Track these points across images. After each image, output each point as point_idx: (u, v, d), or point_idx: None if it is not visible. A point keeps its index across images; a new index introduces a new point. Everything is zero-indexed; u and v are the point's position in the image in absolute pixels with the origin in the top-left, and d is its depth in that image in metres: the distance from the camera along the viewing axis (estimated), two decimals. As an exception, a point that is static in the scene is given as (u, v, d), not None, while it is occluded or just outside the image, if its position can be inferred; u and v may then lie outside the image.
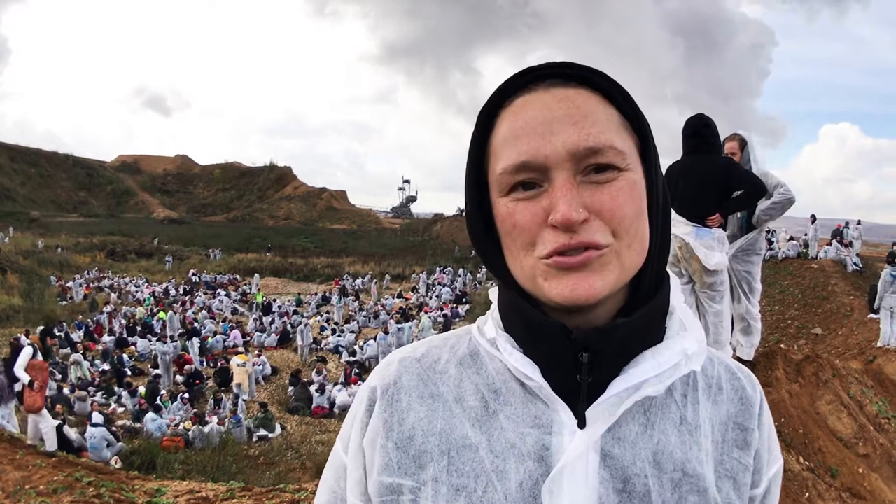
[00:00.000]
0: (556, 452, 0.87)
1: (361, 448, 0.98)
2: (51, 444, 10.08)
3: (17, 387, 10.89)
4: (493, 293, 1.04)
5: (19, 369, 10.31)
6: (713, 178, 5.56)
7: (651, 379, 0.87)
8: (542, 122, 0.85)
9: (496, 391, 0.94)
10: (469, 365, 0.98)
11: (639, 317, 0.88)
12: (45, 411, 10.43)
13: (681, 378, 0.94)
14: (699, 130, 5.69)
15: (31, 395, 10.24)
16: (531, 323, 0.90)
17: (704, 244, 5.55)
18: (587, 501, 0.85)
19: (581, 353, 0.86)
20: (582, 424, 0.86)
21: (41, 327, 18.29)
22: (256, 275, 46.58)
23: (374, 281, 45.28)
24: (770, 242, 29.05)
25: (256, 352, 23.19)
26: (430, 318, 29.39)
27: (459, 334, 1.05)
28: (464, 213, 1.01)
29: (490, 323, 1.00)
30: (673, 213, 5.77)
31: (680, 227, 5.69)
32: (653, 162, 0.92)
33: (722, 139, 6.27)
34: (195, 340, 23.41)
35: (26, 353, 10.52)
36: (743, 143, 6.26)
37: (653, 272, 0.93)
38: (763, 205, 6.07)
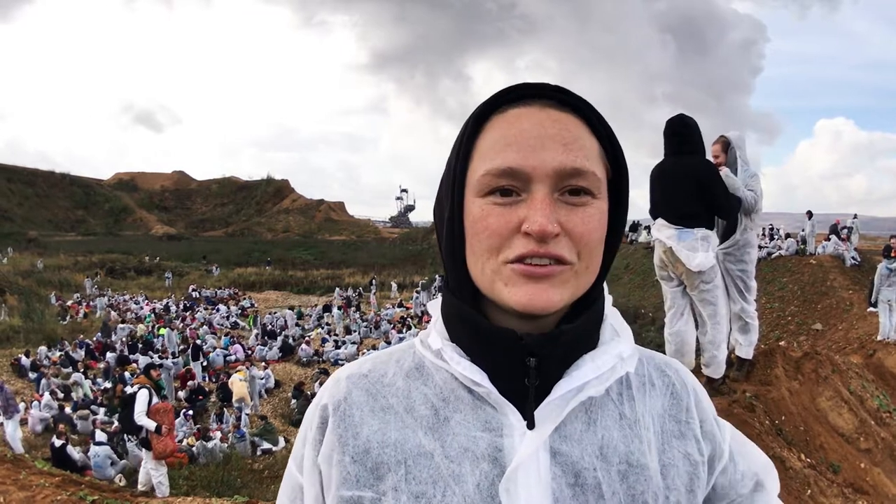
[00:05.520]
0: (508, 453, 0.91)
1: (317, 465, 1.00)
2: (162, 492, 9.67)
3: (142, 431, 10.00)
4: (433, 306, 1.08)
5: (142, 417, 9.74)
6: (693, 179, 5.54)
7: (592, 381, 0.94)
8: (534, 136, 0.90)
9: (445, 399, 0.97)
10: (416, 377, 1.01)
11: (581, 323, 0.95)
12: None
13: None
14: (678, 131, 5.66)
15: (160, 440, 9.78)
16: (480, 331, 0.95)
17: (687, 246, 5.53)
18: (543, 497, 0.89)
19: (529, 357, 0.91)
20: (531, 425, 0.91)
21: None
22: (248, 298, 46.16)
23: (374, 291, 45.15)
24: (771, 237, 29.05)
25: (263, 364, 23.16)
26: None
27: (403, 348, 1.09)
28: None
29: (434, 335, 1.03)
30: (658, 218, 5.79)
31: (663, 231, 5.68)
32: (624, 195, 0.99)
33: (714, 140, 6.28)
34: (200, 358, 23.40)
35: (143, 397, 9.87)
36: (726, 145, 6.23)
37: (597, 290, 0.99)
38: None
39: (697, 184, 5.52)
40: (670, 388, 1.06)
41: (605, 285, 1.03)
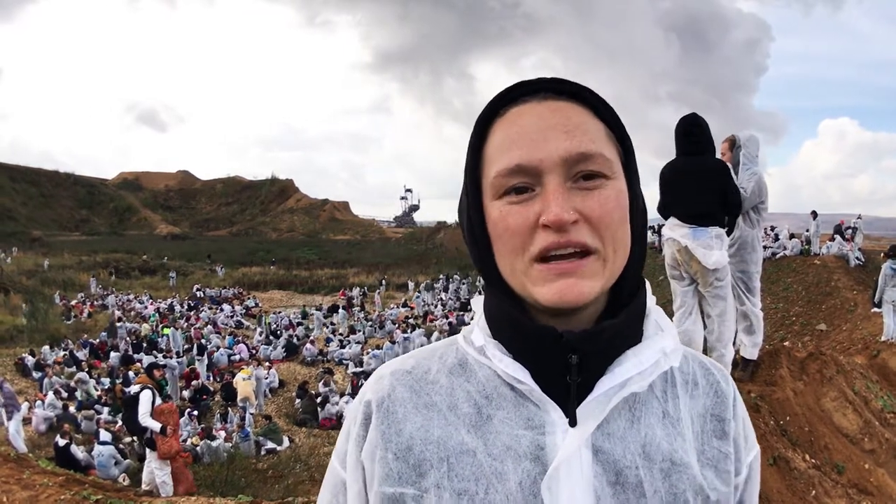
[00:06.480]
0: (550, 451, 0.92)
1: (360, 462, 1.00)
2: (166, 492, 9.63)
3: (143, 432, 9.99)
4: (477, 302, 1.07)
5: (146, 418, 9.74)
6: (706, 178, 5.56)
7: (635, 377, 0.93)
8: (536, 130, 0.91)
9: (488, 397, 0.97)
10: (459, 374, 1.01)
11: (622, 318, 0.95)
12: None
13: (660, 375, 0.98)
14: (690, 130, 5.69)
15: (164, 441, 9.76)
16: (521, 329, 0.95)
17: (702, 244, 5.55)
18: (584, 495, 0.90)
19: (570, 355, 0.91)
20: (573, 423, 0.91)
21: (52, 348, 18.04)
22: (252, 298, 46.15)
23: (378, 290, 45.18)
24: (776, 238, 29.00)
25: (267, 364, 23.17)
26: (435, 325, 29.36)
27: (446, 345, 1.09)
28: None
29: (477, 331, 1.03)
30: (670, 217, 5.80)
31: (676, 230, 5.70)
32: (634, 173, 0.97)
33: (723, 139, 6.31)
34: (204, 357, 23.45)
35: (146, 397, 9.88)
36: (732, 145, 6.28)
37: (632, 277, 0.99)
38: None
39: (709, 182, 5.54)
40: (714, 387, 1.05)
41: (647, 283, 1.03)
